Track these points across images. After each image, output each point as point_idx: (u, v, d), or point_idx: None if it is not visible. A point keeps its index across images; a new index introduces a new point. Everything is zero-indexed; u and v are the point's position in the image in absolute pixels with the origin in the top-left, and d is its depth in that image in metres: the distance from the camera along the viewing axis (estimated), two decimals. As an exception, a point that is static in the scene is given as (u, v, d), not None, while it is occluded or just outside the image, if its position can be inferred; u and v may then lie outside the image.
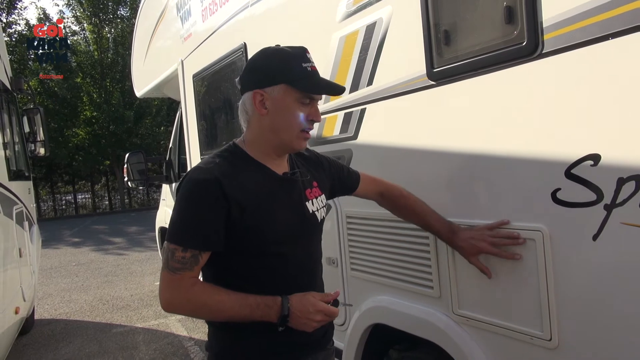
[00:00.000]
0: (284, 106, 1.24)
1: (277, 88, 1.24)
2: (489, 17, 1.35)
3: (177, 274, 1.17)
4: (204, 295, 1.20)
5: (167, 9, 3.97)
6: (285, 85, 1.23)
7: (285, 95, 1.24)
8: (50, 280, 7.21)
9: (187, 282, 1.18)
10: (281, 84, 1.23)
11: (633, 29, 1.01)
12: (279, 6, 2.35)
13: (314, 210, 1.36)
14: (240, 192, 1.20)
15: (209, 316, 1.28)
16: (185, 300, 1.19)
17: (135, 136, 18.78)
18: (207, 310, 1.22)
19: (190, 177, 1.21)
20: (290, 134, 1.27)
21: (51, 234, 12.18)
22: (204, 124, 3.44)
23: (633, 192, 1.05)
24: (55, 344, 4.48)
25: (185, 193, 1.20)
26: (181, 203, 1.20)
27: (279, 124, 1.26)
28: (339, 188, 1.56)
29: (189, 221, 1.19)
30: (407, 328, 1.73)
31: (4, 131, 3.95)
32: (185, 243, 1.17)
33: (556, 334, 1.25)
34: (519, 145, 1.29)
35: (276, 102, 1.24)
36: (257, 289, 1.23)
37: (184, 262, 1.17)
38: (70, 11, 19.62)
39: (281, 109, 1.25)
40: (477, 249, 1.38)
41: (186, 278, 1.18)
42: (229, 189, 1.18)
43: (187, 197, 1.20)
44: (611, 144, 1.09)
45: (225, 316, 1.21)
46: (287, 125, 1.26)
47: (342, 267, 2.06)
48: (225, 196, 1.17)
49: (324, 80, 1.31)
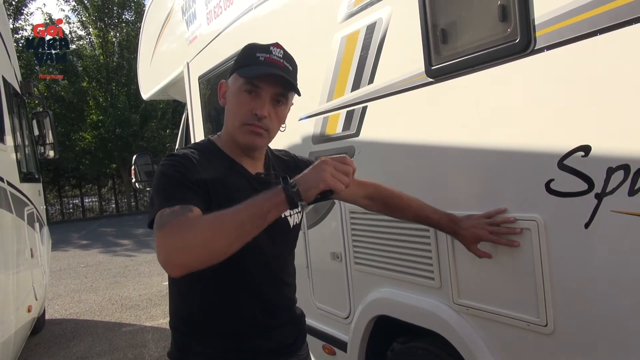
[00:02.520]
0: (230, 94, 1.23)
1: (231, 77, 1.24)
2: (484, 16, 1.40)
3: (172, 221, 1.00)
4: (205, 217, 1.02)
5: (173, 12, 4.04)
6: (235, 74, 1.23)
7: (233, 83, 1.23)
8: (60, 282, 7.31)
9: (182, 219, 1.01)
10: (234, 72, 1.23)
11: (620, 25, 1.06)
12: (283, 8, 2.41)
13: (287, 215, 1.29)
14: (208, 183, 1.14)
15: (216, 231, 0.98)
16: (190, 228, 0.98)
17: (141, 139, 18.91)
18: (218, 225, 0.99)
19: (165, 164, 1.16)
20: (233, 125, 1.22)
21: (59, 237, 12.32)
22: (209, 126, 3.50)
23: (622, 181, 1.09)
24: (66, 343, 4.56)
25: (164, 173, 1.13)
26: (162, 181, 1.12)
27: (228, 114, 1.25)
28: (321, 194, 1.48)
29: (167, 189, 1.10)
30: (410, 319, 1.78)
31: (15, 134, 4.04)
32: (168, 203, 1.04)
33: (552, 320, 1.29)
34: (514, 138, 1.34)
35: (228, 90, 1.24)
36: (219, 294, 1.20)
37: (175, 212, 1.02)
38: (76, 16, 19.82)
39: (229, 97, 1.24)
40: (476, 236, 1.40)
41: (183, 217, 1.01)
42: (199, 168, 1.15)
43: (166, 176, 1.12)
44: (601, 136, 1.13)
45: (229, 222, 0.99)
46: (232, 116, 1.23)
47: (347, 261, 2.11)
48: (196, 169, 1.14)
49: (268, 68, 1.17)
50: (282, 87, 1.21)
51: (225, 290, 1.23)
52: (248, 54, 1.21)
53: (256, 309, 1.26)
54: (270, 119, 1.21)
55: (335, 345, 2.24)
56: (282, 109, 1.25)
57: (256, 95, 1.19)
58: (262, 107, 1.19)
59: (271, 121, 1.22)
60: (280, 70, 1.19)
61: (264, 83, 1.19)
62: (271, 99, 1.21)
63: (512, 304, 1.40)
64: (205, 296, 1.24)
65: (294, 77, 1.24)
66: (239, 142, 1.23)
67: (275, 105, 1.22)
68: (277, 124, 1.25)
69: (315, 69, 2.12)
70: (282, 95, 1.22)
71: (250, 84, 1.18)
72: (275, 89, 1.20)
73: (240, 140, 1.22)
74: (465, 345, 1.54)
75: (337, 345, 2.23)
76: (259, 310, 1.27)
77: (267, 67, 1.18)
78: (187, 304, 1.28)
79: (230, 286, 1.23)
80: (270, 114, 1.21)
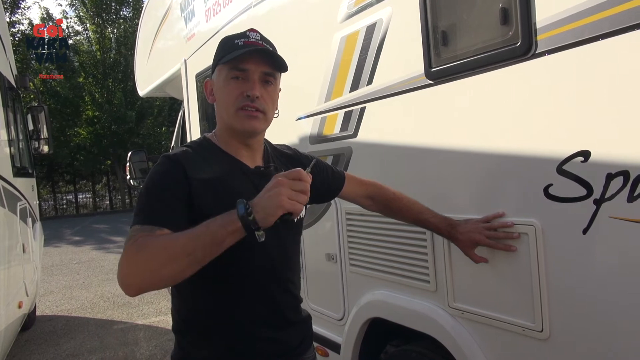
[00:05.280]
0: (219, 87, 1.21)
1: (216, 71, 1.23)
2: (485, 18, 1.39)
3: (135, 242, 1.00)
4: (159, 241, 1.00)
5: (171, 9, 4.02)
6: (218, 66, 1.21)
7: (219, 75, 1.21)
8: (51, 278, 7.25)
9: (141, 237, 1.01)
10: (217, 66, 1.22)
11: (622, 30, 1.06)
12: (282, 7, 2.39)
13: None
14: (204, 183, 1.14)
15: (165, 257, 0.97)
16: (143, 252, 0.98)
17: (137, 136, 18.84)
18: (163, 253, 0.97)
19: (154, 167, 1.16)
20: (229, 114, 1.20)
21: (52, 233, 12.23)
22: (206, 124, 3.48)
23: (621, 187, 1.09)
24: (56, 340, 4.52)
25: (148, 181, 1.14)
26: (145, 188, 1.13)
27: (220, 107, 1.23)
28: (324, 191, 1.43)
29: (150, 203, 1.10)
30: (404, 321, 1.77)
31: (8, 128, 4.00)
32: (144, 221, 1.05)
33: (547, 326, 1.29)
34: (513, 142, 1.33)
35: (215, 85, 1.23)
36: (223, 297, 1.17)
37: (143, 233, 1.03)
38: (74, 11, 19.79)
39: (218, 91, 1.22)
40: (474, 241, 1.40)
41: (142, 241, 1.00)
42: (191, 173, 1.13)
43: (149, 183, 1.13)
44: (601, 141, 1.13)
45: (180, 249, 0.97)
46: (225, 105, 1.20)
47: (341, 262, 2.10)
48: (186, 178, 1.12)
49: (249, 48, 1.16)
50: (268, 65, 1.19)
51: (229, 293, 1.19)
52: (226, 44, 1.20)
53: (262, 310, 1.22)
54: (264, 100, 1.19)
55: (329, 346, 2.23)
56: (273, 89, 1.22)
57: (244, 78, 1.17)
58: (253, 87, 1.17)
59: (265, 101, 1.19)
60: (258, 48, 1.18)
61: (249, 64, 1.17)
62: (260, 79, 1.18)
63: (507, 309, 1.40)
64: (207, 300, 1.20)
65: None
66: (238, 129, 1.20)
67: (265, 85, 1.20)
68: (271, 105, 1.22)
69: (314, 68, 2.11)
70: (270, 75, 1.20)
71: (236, 68, 1.17)
72: (262, 67, 1.18)
73: (239, 127, 1.19)
74: (460, 350, 1.53)
75: (330, 347, 2.22)
76: (265, 311, 1.23)
77: (249, 47, 1.16)
78: (190, 307, 1.24)
79: (234, 289, 1.19)
80: (263, 94, 1.18)
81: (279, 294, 1.26)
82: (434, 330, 1.64)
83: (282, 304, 1.26)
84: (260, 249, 1.09)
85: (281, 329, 1.26)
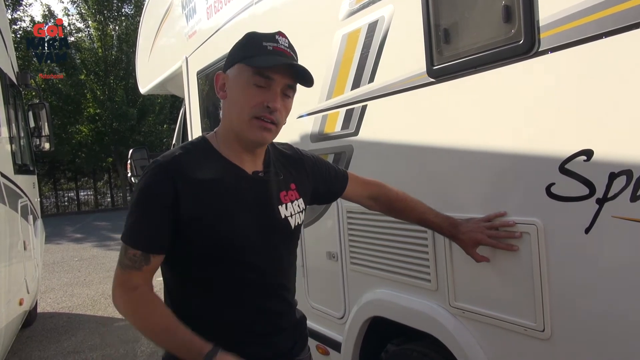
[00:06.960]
0: (235, 86, 1.14)
1: (234, 68, 1.15)
2: (487, 16, 1.38)
3: (125, 272, 1.11)
4: (140, 303, 1.11)
5: (172, 6, 4.01)
6: (240, 64, 1.13)
7: (238, 74, 1.13)
8: (52, 275, 7.27)
9: (131, 284, 1.11)
10: (237, 63, 1.14)
11: (626, 28, 1.05)
12: (284, 4, 2.38)
13: (287, 215, 1.23)
14: (196, 190, 1.11)
15: (139, 327, 1.12)
16: (123, 301, 1.11)
17: (138, 134, 18.86)
18: (138, 320, 1.11)
19: (143, 177, 1.13)
20: (241, 120, 1.13)
21: (53, 230, 12.25)
22: (207, 122, 3.48)
23: (624, 187, 1.08)
24: (57, 337, 4.53)
25: (137, 192, 1.12)
26: (134, 200, 1.13)
27: (232, 107, 1.15)
28: (325, 192, 1.42)
29: (138, 221, 1.12)
30: (405, 320, 1.77)
31: (10, 125, 4.00)
32: (133, 243, 1.11)
33: (549, 325, 1.28)
34: (515, 141, 1.33)
35: (231, 82, 1.15)
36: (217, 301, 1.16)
37: (134, 260, 1.10)
38: (75, 8, 19.73)
39: (233, 89, 1.14)
40: (475, 240, 1.39)
41: (133, 278, 1.10)
42: (181, 179, 1.10)
43: (137, 197, 1.12)
44: (604, 140, 1.12)
45: (151, 335, 1.12)
46: (238, 108, 1.13)
47: (342, 261, 2.09)
48: (177, 196, 1.09)
49: (280, 58, 1.11)
50: (292, 78, 1.15)
51: (219, 300, 1.18)
52: (253, 43, 1.13)
53: (253, 317, 1.20)
54: (280, 113, 1.14)
55: (329, 345, 2.22)
56: (289, 102, 1.18)
57: (266, 86, 1.11)
58: (274, 99, 1.12)
59: (281, 115, 1.15)
60: (290, 60, 1.13)
61: (276, 74, 1.11)
62: (282, 91, 1.14)
63: (509, 308, 1.39)
64: (197, 305, 1.18)
65: None
66: (247, 138, 1.15)
67: (285, 98, 1.16)
68: (285, 118, 1.18)
69: (315, 66, 2.08)
70: (292, 88, 1.16)
71: (261, 74, 1.10)
72: (286, 80, 1.14)
73: (249, 136, 1.14)
74: (461, 349, 1.52)
75: (331, 345, 2.21)
76: (256, 317, 1.20)
77: (278, 56, 1.11)
78: (181, 311, 1.19)
79: (224, 295, 1.17)
80: (280, 107, 1.14)
81: (270, 301, 1.23)
82: (435, 329, 1.63)
83: (274, 311, 1.24)
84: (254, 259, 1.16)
85: (273, 335, 1.24)
